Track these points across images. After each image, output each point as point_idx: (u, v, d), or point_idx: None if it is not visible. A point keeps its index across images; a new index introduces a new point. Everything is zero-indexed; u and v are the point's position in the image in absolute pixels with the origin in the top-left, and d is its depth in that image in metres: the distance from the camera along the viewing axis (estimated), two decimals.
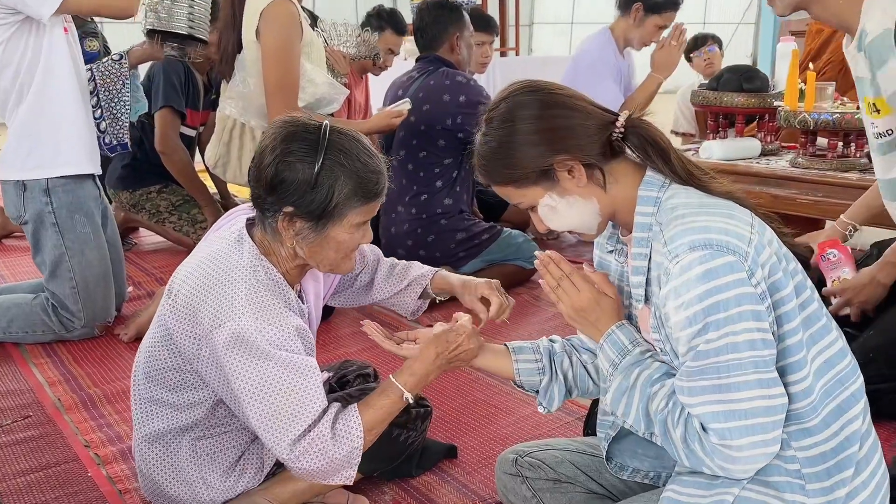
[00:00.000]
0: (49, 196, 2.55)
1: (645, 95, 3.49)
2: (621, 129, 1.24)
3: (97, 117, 2.82)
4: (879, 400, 1.69)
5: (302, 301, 1.57)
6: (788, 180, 2.85)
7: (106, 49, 3.61)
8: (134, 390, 1.57)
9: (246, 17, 2.60)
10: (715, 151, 3.08)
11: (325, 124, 1.42)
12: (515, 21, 7.99)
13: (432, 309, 2.80)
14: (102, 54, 3.36)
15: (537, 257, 1.34)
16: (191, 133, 3.76)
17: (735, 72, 3.19)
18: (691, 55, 4.99)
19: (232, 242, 1.47)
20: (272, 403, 1.36)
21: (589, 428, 1.79)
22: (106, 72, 2.84)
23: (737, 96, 3.09)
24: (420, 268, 1.79)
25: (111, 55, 2.93)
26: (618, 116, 1.25)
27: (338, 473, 1.42)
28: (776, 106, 2.98)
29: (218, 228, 1.62)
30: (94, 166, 2.66)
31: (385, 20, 3.95)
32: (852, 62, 1.68)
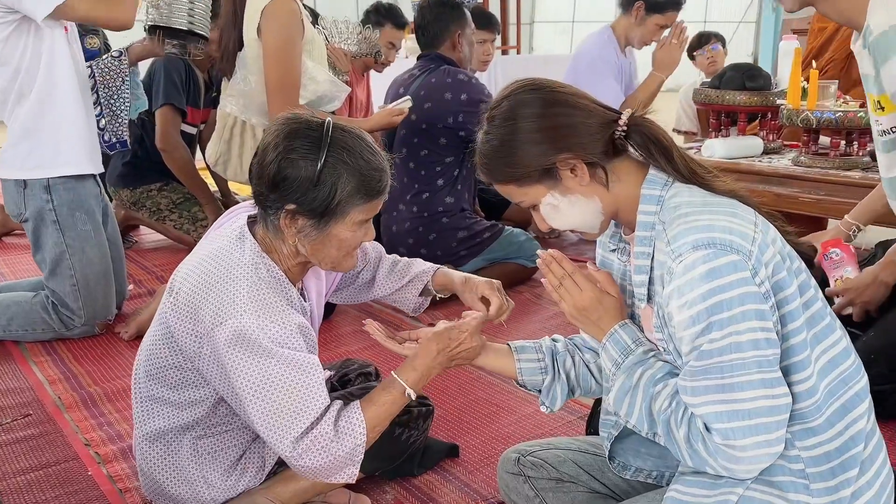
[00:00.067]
0: (50, 194, 2.54)
1: (646, 94, 3.48)
2: (624, 128, 1.23)
3: (97, 115, 2.82)
4: (883, 401, 1.69)
5: (304, 299, 1.57)
6: (791, 179, 2.85)
7: (106, 46, 3.61)
8: (134, 388, 1.57)
9: (247, 15, 2.60)
10: (717, 150, 3.07)
11: (328, 121, 1.42)
12: (517, 19, 7.99)
13: (434, 307, 2.80)
14: (103, 51, 3.35)
15: (539, 256, 1.33)
16: (191, 131, 3.75)
17: (737, 70, 3.18)
18: (694, 53, 4.96)
19: (233, 240, 1.46)
20: (274, 401, 1.36)
21: (591, 427, 1.78)
22: (105, 69, 2.84)
23: (739, 94, 3.09)
24: (422, 265, 1.79)
25: (111, 52, 2.92)
26: (620, 115, 1.24)
27: (341, 471, 1.41)
28: (778, 104, 2.98)
29: (219, 226, 1.61)
30: (95, 166, 2.66)
31: (384, 15, 3.94)
32: (858, 59, 1.67)
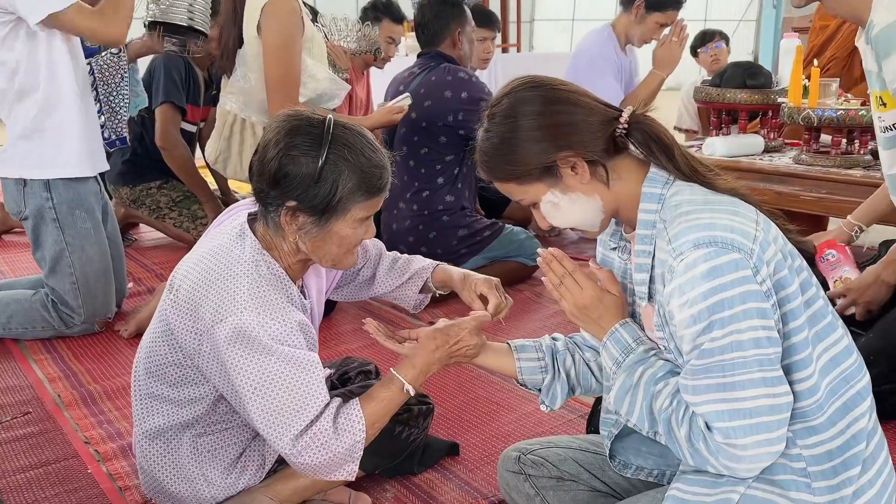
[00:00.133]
0: (49, 192, 2.54)
1: (647, 92, 3.48)
2: (625, 126, 1.22)
3: (96, 112, 2.81)
4: (882, 402, 1.69)
5: (304, 296, 1.56)
6: (792, 177, 2.84)
7: None
8: (134, 386, 1.57)
9: (247, 13, 2.59)
10: (718, 148, 3.07)
11: (329, 118, 1.41)
12: (517, 17, 7.99)
13: (435, 305, 2.79)
14: (102, 48, 3.34)
15: (540, 254, 1.33)
16: (191, 129, 3.74)
17: (738, 68, 3.18)
18: (698, 50, 4.93)
19: (234, 237, 1.46)
20: (274, 399, 1.36)
21: (592, 426, 1.78)
22: (104, 65, 2.83)
23: (740, 92, 3.08)
24: (421, 261, 1.79)
25: (110, 49, 2.91)
26: (621, 112, 1.24)
27: (340, 468, 1.41)
28: (779, 102, 2.97)
29: (219, 223, 1.61)
30: (94, 168, 2.64)
31: (381, 10, 3.92)
32: (863, 55, 1.67)
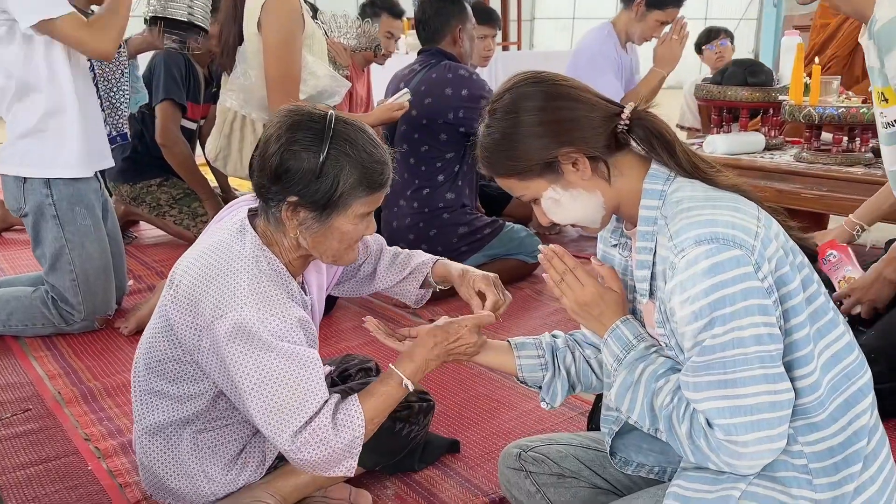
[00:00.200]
0: (49, 189, 2.53)
1: (647, 90, 3.48)
2: (626, 122, 1.22)
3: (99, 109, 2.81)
4: (882, 400, 1.69)
5: (305, 292, 1.56)
6: (793, 175, 2.84)
7: None
8: (134, 382, 1.56)
9: (247, 9, 2.59)
10: (718, 146, 3.07)
11: (331, 114, 1.41)
12: (517, 16, 7.99)
13: (435, 303, 2.79)
14: None
15: (541, 251, 1.33)
16: (191, 126, 3.74)
17: (739, 66, 3.18)
18: (703, 48, 4.90)
19: (234, 233, 1.46)
20: (273, 395, 1.36)
21: (593, 423, 1.78)
22: (104, 62, 2.83)
23: (741, 90, 3.08)
24: (421, 256, 1.79)
25: None
26: (623, 108, 1.23)
27: (339, 464, 1.41)
28: (781, 100, 2.97)
29: (220, 219, 1.61)
30: (95, 168, 2.63)
31: (380, 6, 3.91)
32: (866, 52, 1.68)
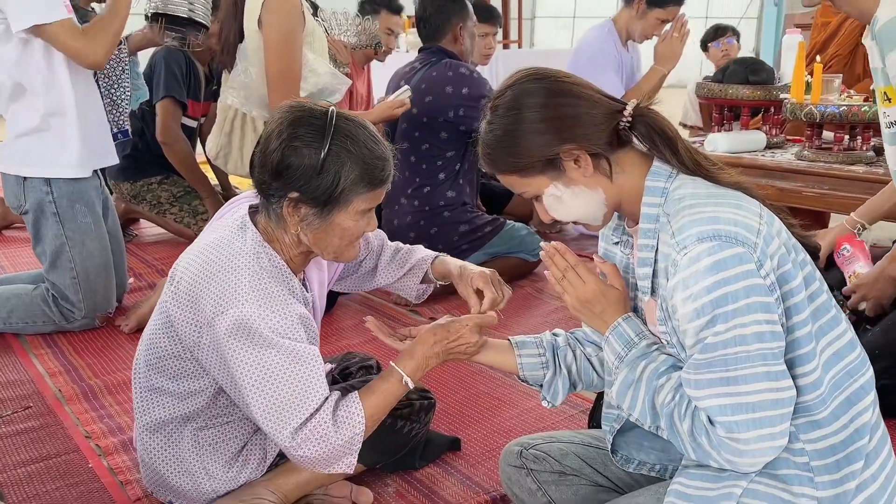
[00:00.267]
0: (50, 186, 2.53)
1: (648, 87, 3.47)
2: (628, 119, 1.22)
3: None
4: (884, 398, 1.70)
5: (306, 289, 1.56)
6: (794, 173, 2.84)
7: None
8: (135, 379, 1.56)
9: (248, 7, 2.59)
10: (720, 144, 3.06)
11: (332, 110, 1.41)
12: (518, 14, 7.99)
13: (436, 301, 2.79)
14: None
15: (543, 248, 1.32)
16: (192, 124, 3.74)
17: (741, 64, 3.18)
18: (709, 45, 4.88)
19: (235, 229, 1.46)
20: (274, 392, 1.36)
21: (594, 421, 1.78)
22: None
23: (742, 88, 3.07)
24: (421, 252, 1.79)
25: None
26: (625, 105, 1.23)
27: (339, 461, 1.41)
28: (782, 98, 2.96)
29: (221, 216, 1.61)
30: (96, 166, 2.63)
31: (378, 2, 3.89)
32: (869, 53, 1.68)
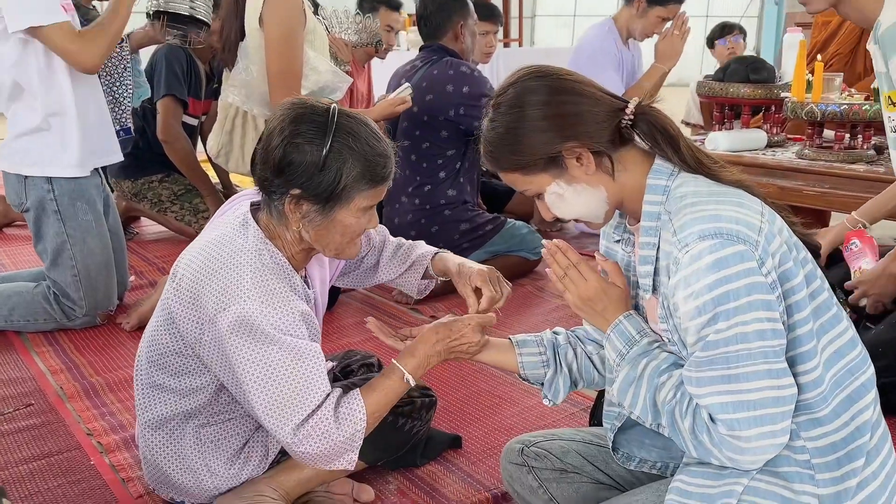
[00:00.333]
0: (51, 184, 2.53)
1: (648, 85, 3.47)
2: (631, 116, 1.22)
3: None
4: (885, 395, 1.70)
5: (307, 286, 1.57)
6: (795, 172, 2.84)
7: None
8: (137, 376, 1.57)
9: (249, 5, 2.59)
10: (721, 143, 3.06)
11: (334, 107, 1.41)
12: (519, 12, 7.99)
13: (436, 299, 2.80)
14: None
15: (545, 246, 1.33)
16: (193, 122, 3.74)
17: (742, 62, 3.17)
18: (715, 41, 4.86)
19: (237, 226, 1.46)
20: (276, 388, 1.36)
21: (595, 418, 1.78)
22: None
23: (743, 87, 3.07)
24: (422, 248, 1.79)
25: None
26: (627, 103, 1.23)
27: (340, 458, 1.42)
28: (783, 97, 2.96)
29: (222, 214, 1.61)
30: (97, 164, 2.63)
31: None
32: (873, 58, 1.68)
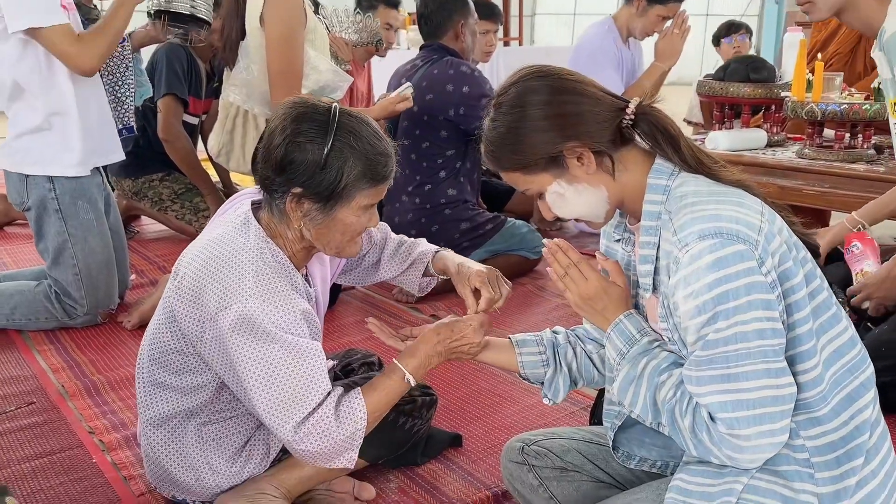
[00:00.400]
0: (52, 183, 2.53)
1: (648, 84, 3.47)
2: (631, 116, 1.22)
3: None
4: (884, 394, 1.71)
5: (309, 284, 1.57)
6: (795, 171, 2.84)
7: None
8: (139, 374, 1.57)
9: (250, 4, 2.59)
10: (721, 142, 3.06)
11: (335, 106, 1.42)
12: (519, 11, 7.99)
13: (437, 298, 2.80)
14: None
15: (545, 245, 1.33)
16: (193, 121, 3.74)
17: (742, 62, 3.17)
18: (721, 40, 4.86)
19: (238, 225, 1.46)
20: (277, 387, 1.37)
21: (595, 417, 1.79)
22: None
23: (743, 86, 3.07)
24: (423, 246, 1.80)
25: None
26: (628, 103, 1.24)
27: (340, 456, 1.42)
28: (783, 96, 2.96)
29: (223, 212, 1.62)
30: (98, 163, 2.63)
31: None
32: (878, 65, 1.69)
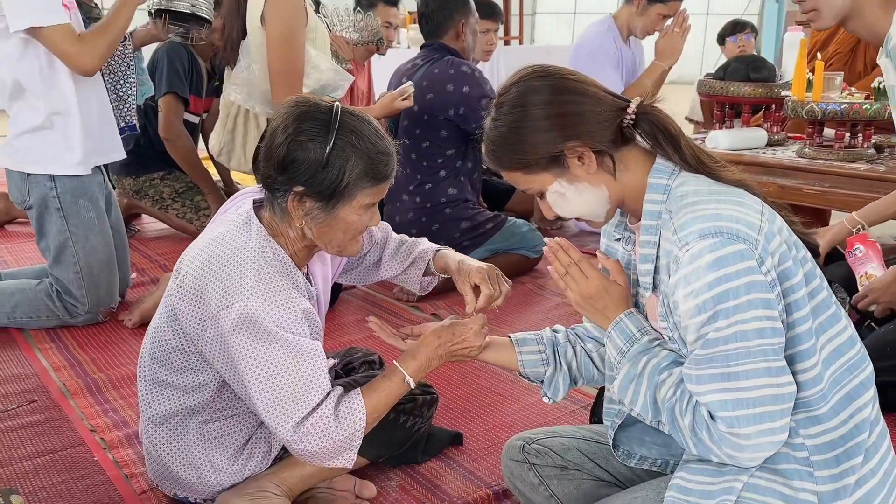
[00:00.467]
0: (54, 182, 2.54)
1: (648, 83, 3.47)
2: (632, 116, 1.23)
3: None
4: (883, 394, 1.72)
5: (310, 283, 1.58)
6: (795, 170, 2.84)
7: None
8: (140, 372, 1.58)
9: (251, 3, 2.60)
10: (721, 141, 3.07)
11: (337, 105, 1.43)
12: (519, 10, 7.99)
13: (437, 297, 2.80)
14: None
15: (546, 244, 1.34)
16: (194, 120, 3.74)
17: (742, 61, 3.17)
18: (726, 38, 4.85)
19: (240, 224, 1.47)
20: (277, 386, 1.37)
21: (595, 416, 1.79)
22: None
23: (744, 86, 3.07)
24: (424, 245, 1.80)
25: None
26: (629, 103, 1.24)
27: (339, 455, 1.43)
28: (783, 96, 2.96)
29: (225, 211, 1.62)
30: (100, 162, 2.63)
31: None
32: (884, 71, 1.69)
